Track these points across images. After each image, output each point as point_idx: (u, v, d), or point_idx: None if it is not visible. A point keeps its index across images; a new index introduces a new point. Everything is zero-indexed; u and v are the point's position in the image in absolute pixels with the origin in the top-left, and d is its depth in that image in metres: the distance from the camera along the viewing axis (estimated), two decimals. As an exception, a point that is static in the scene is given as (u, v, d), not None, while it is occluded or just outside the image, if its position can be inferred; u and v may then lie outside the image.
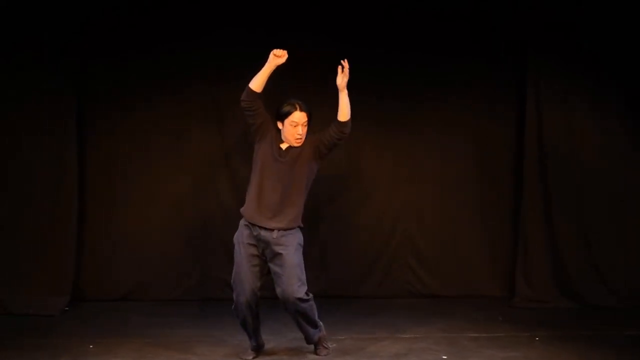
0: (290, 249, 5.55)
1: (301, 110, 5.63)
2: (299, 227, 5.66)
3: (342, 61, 5.58)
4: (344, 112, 5.62)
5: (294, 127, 5.61)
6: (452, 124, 7.80)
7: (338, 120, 5.63)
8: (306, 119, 5.65)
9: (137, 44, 7.53)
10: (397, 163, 7.83)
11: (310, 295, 5.59)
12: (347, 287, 7.71)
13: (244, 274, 5.61)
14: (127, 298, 7.62)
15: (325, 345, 5.80)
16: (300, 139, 5.63)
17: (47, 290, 7.23)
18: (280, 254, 5.53)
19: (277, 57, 5.64)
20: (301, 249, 5.66)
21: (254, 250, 5.62)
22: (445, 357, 5.70)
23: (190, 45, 7.55)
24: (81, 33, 7.40)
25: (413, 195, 7.83)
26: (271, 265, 5.60)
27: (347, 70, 5.57)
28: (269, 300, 5.88)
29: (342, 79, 5.58)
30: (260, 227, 5.57)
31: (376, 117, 7.72)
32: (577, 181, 7.53)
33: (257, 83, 5.65)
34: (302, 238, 5.69)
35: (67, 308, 7.20)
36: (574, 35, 7.48)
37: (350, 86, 7.61)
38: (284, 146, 5.68)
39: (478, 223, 7.86)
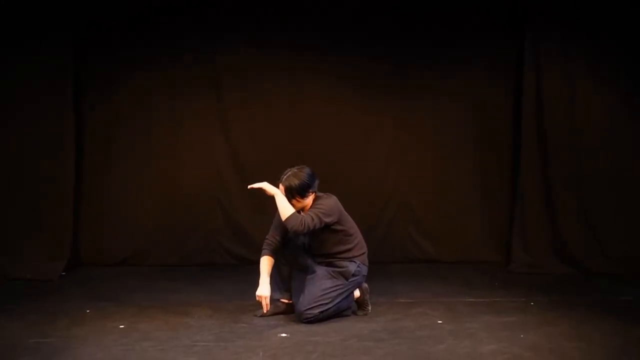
0: None
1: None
2: None
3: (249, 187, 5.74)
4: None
5: None
6: (451, 91, 7.78)
7: None
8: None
9: (137, 15, 7.53)
10: (395, 130, 7.81)
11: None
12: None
13: None
14: (125, 263, 7.65)
15: (364, 309, 5.96)
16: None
17: (45, 255, 7.27)
18: None
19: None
20: None
21: None
22: (441, 321, 5.72)
23: (191, 15, 7.56)
24: (82, 1, 7.39)
25: (411, 162, 7.83)
26: None
27: (259, 185, 5.69)
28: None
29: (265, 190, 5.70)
30: None
31: (374, 84, 7.71)
32: (576, 148, 7.52)
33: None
34: None
35: (64, 273, 7.22)
36: (573, 3, 7.41)
37: (349, 55, 7.66)
38: None
39: (476, 189, 7.87)
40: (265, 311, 5.76)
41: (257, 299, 5.72)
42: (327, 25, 7.63)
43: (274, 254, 5.81)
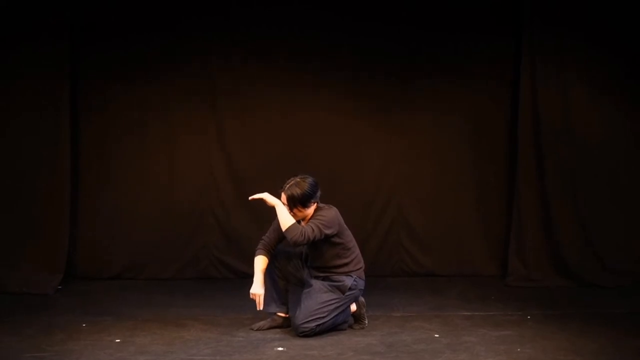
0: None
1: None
2: None
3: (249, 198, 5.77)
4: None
5: None
6: (448, 100, 7.78)
7: None
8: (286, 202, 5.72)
9: (133, 22, 7.52)
10: (392, 140, 7.81)
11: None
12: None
13: None
14: (121, 276, 7.63)
15: (361, 322, 5.94)
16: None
17: (41, 269, 7.24)
18: None
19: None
20: None
21: None
22: (437, 335, 5.71)
23: (187, 23, 7.56)
24: (78, 9, 7.39)
25: (407, 173, 7.82)
26: None
27: (259, 196, 5.69)
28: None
29: (265, 200, 5.69)
30: None
31: (371, 93, 7.71)
32: (573, 158, 7.51)
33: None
34: None
35: (60, 286, 7.20)
36: (569, 9, 7.43)
37: (344, 62, 7.68)
38: None
39: (473, 201, 7.85)
40: (259, 309, 5.72)
41: (251, 297, 5.70)
42: (323, 34, 7.64)
43: (268, 254, 5.81)
